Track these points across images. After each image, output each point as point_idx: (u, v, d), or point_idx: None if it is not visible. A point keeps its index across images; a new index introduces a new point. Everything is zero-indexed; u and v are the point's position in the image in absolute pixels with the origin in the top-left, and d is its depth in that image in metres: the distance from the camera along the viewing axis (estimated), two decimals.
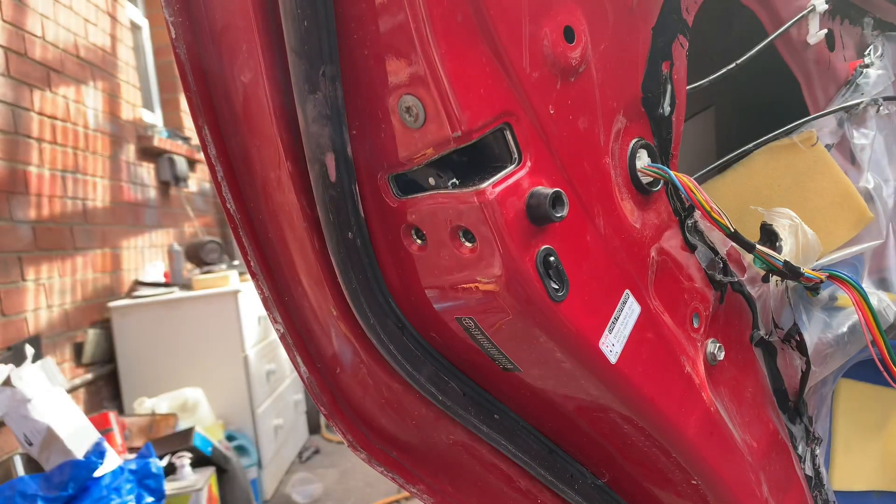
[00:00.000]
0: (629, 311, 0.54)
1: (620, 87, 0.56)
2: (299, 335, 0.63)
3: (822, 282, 0.70)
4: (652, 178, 0.58)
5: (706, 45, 0.73)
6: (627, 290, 0.54)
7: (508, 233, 0.45)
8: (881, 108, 0.92)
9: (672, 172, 0.56)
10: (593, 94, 0.52)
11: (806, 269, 0.67)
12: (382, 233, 0.51)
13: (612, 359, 0.52)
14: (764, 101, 1.00)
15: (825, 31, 0.90)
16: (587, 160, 0.52)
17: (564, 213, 0.46)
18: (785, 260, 0.65)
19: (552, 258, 0.47)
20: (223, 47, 0.51)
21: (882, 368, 0.69)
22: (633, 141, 0.57)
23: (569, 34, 0.49)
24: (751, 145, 0.77)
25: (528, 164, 0.47)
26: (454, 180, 0.47)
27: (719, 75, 0.70)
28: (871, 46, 1.01)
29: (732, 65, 0.72)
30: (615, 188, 0.55)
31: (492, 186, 0.45)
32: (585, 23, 0.51)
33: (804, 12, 0.85)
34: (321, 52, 0.44)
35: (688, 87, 0.65)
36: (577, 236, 0.51)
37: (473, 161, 0.47)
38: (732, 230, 0.59)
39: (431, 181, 0.48)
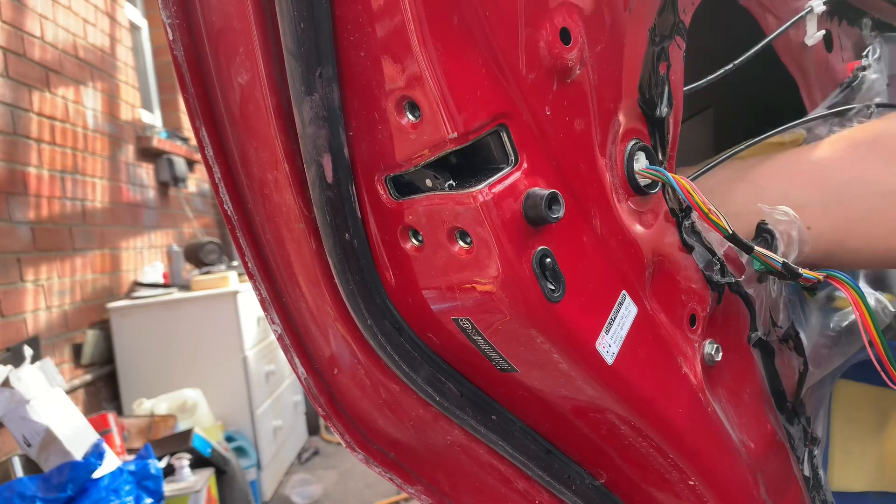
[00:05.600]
0: (626, 312, 0.54)
1: (617, 88, 0.56)
2: (297, 336, 0.63)
3: (819, 282, 0.70)
4: (650, 181, 0.58)
5: (704, 46, 0.73)
6: (624, 291, 0.55)
7: (505, 234, 0.45)
8: (874, 114, 0.92)
9: (670, 175, 0.56)
10: (590, 96, 0.52)
11: (804, 270, 0.67)
12: (379, 234, 0.51)
13: (609, 360, 0.52)
14: (762, 103, 1.00)
15: (823, 32, 0.90)
16: (584, 161, 0.53)
17: (561, 213, 0.46)
18: (783, 261, 0.65)
19: (548, 259, 0.47)
20: (220, 49, 0.51)
21: (880, 369, 0.69)
22: (631, 143, 0.57)
23: (565, 36, 0.49)
24: (742, 145, 0.77)
25: (525, 165, 0.47)
26: (451, 182, 0.47)
27: (717, 76, 0.70)
28: (870, 48, 1.01)
29: (730, 66, 0.72)
30: (612, 189, 0.55)
31: (488, 188, 0.45)
32: (582, 24, 0.51)
33: (802, 13, 0.85)
34: (318, 54, 0.44)
35: (686, 88, 0.65)
36: (573, 237, 0.51)
37: (470, 163, 0.47)
38: (731, 232, 0.59)
39: (428, 183, 0.48)
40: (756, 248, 0.63)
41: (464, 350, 0.55)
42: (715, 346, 0.66)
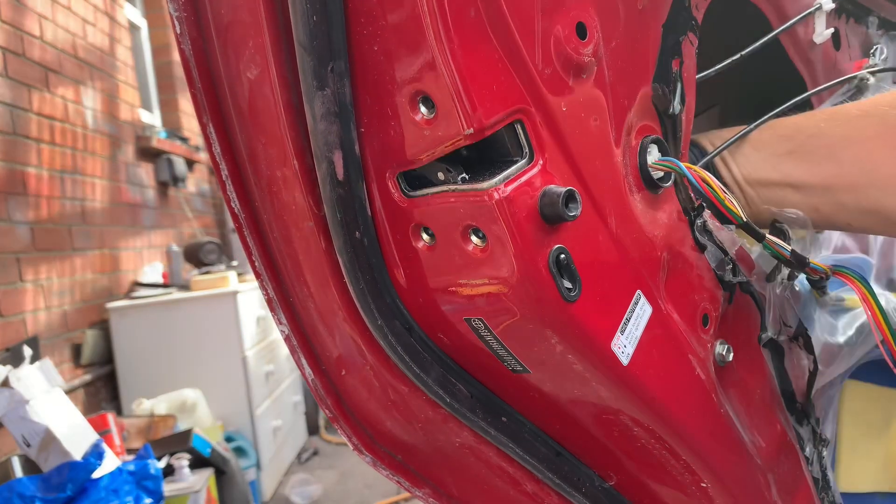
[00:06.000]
0: (641, 312, 0.53)
1: (631, 84, 0.55)
2: (304, 336, 0.62)
3: (827, 276, 0.69)
4: (662, 173, 0.57)
5: (714, 44, 0.73)
6: (639, 291, 0.54)
7: (521, 232, 0.44)
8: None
9: (682, 164, 0.55)
10: (605, 92, 0.52)
11: (811, 260, 0.67)
12: (390, 232, 0.51)
13: (624, 360, 0.52)
14: (768, 102, 0.99)
15: (832, 30, 0.89)
16: (599, 158, 0.52)
17: (578, 212, 0.45)
18: (792, 249, 0.65)
19: (565, 258, 0.47)
20: (229, 43, 0.50)
21: (892, 365, 0.68)
22: (644, 138, 0.57)
23: (581, 30, 0.48)
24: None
25: (541, 161, 0.46)
26: (464, 175, 0.46)
27: (725, 65, 0.70)
28: (877, 47, 1.01)
29: (737, 55, 0.71)
30: (626, 187, 0.55)
31: (504, 185, 0.44)
32: (597, 19, 0.50)
33: (811, 10, 0.85)
34: (330, 48, 0.44)
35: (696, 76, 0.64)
36: (589, 236, 0.50)
37: (483, 155, 0.47)
38: (744, 220, 0.58)
39: (441, 175, 0.47)
40: (768, 236, 0.62)
41: (475, 351, 0.54)
42: (726, 346, 0.65)
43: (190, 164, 5.00)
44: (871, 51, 1.02)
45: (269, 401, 3.82)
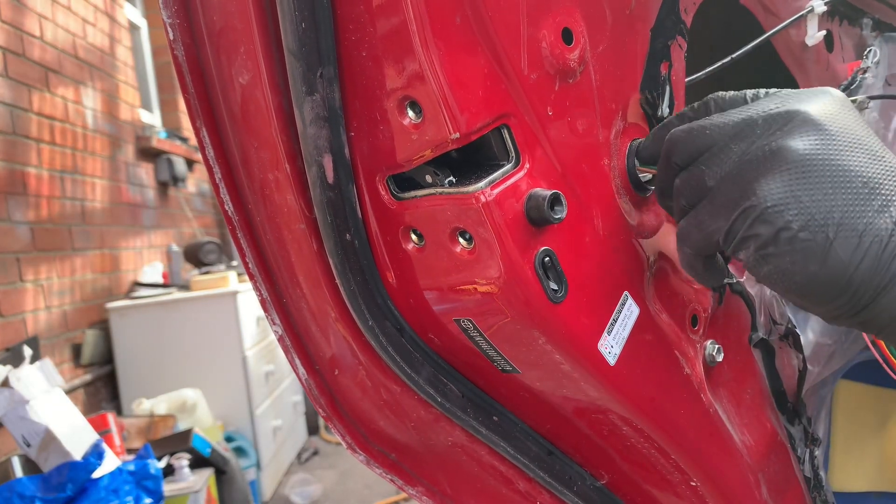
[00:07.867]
0: (628, 313, 0.54)
1: (619, 88, 0.56)
2: (297, 337, 0.63)
3: None
4: (651, 176, 0.58)
5: (704, 47, 0.73)
6: (626, 292, 0.54)
7: (507, 234, 0.45)
8: (867, 108, 0.92)
9: None
10: (592, 96, 0.52)
11: None
12: (380, 234, 0.51)
13: (611, 360, 0.52)
14: None
15: (824, 32, 0.89)
16: (586, 161, 0.52)
17: (563, 214, 0.46)
18: None
19: (551, 259, 0.47)
20: (221, 48, 0.51)
21: (885, 366, 0.69)
22: (632, 141, 0.57)
23: (567, 36, 0.49)
24: None
25: (527, 165, 0.47)
26: (451, 178, 0.47)
27: (714, 69, 0.70)
28: (870, 50, 1.01)
29: (727, 59, 0.72)
30: (614, 189, 0.55)
31: (490, 188, 0.45)
32: (584, 24, 0.51)
33: (802, 12, 0.85)
34: (319, 54, 0.44)
35: (685, 80, 0.65)
36: (575, 238, 0.51)
37: (470, 158, 0.47)
38: None
39: (428, 179, 0.48)
40: None
41: (465, 351, 0.54)
42: (716, 346, 0.66)
43: (190, 164, 5.01)
44: (865, 53, 1.02)
45: (269, 401, 3.83)
